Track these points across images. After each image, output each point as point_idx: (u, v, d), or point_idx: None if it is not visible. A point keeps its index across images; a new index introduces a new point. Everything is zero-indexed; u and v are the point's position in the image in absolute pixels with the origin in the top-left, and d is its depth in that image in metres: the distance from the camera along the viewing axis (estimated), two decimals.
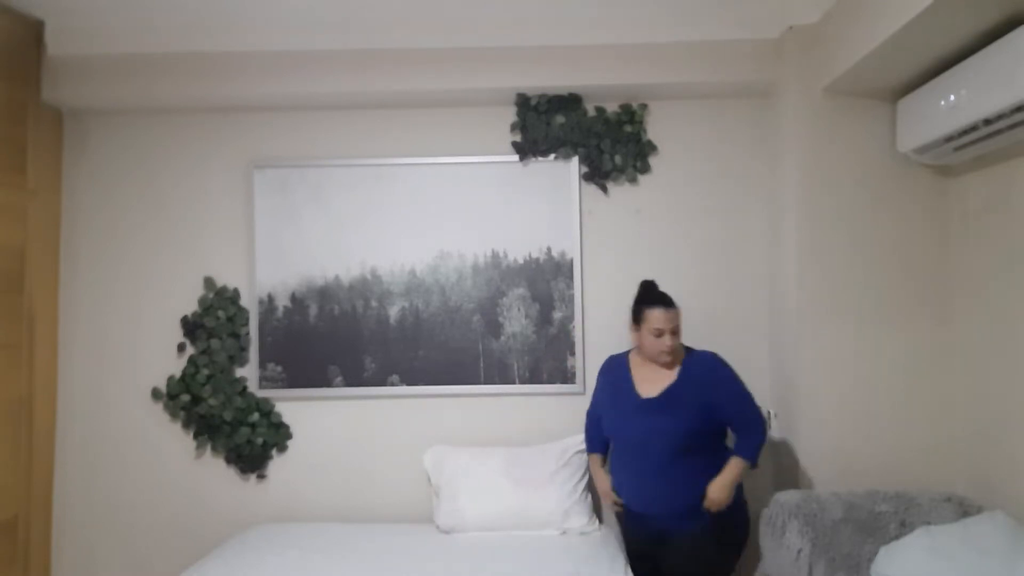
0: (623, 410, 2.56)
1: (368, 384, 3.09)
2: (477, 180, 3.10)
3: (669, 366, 2.54)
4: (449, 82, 2.94)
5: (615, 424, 2.60)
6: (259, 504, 3.08)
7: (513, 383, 3.07)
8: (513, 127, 3.08)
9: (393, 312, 3.09)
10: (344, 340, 3.09)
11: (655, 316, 2.51)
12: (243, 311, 3.10)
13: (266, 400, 3.08)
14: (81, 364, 3.11)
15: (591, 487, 2.89)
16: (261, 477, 3.09)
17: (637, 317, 2.57)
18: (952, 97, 2.26)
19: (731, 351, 3.04)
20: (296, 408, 3.09)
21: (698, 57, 2.89)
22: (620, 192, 3.11)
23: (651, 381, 2.55)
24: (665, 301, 2.54)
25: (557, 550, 2.59)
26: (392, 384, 3.09)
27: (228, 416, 3.03)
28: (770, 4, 2.74)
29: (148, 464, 3.08)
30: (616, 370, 2.66)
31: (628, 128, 3.06)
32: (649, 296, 2.59)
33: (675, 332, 2.53)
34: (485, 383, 3.08)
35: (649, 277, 3.06)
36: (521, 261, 3.09)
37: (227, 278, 3.13)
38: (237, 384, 3.08)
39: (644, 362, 2.60)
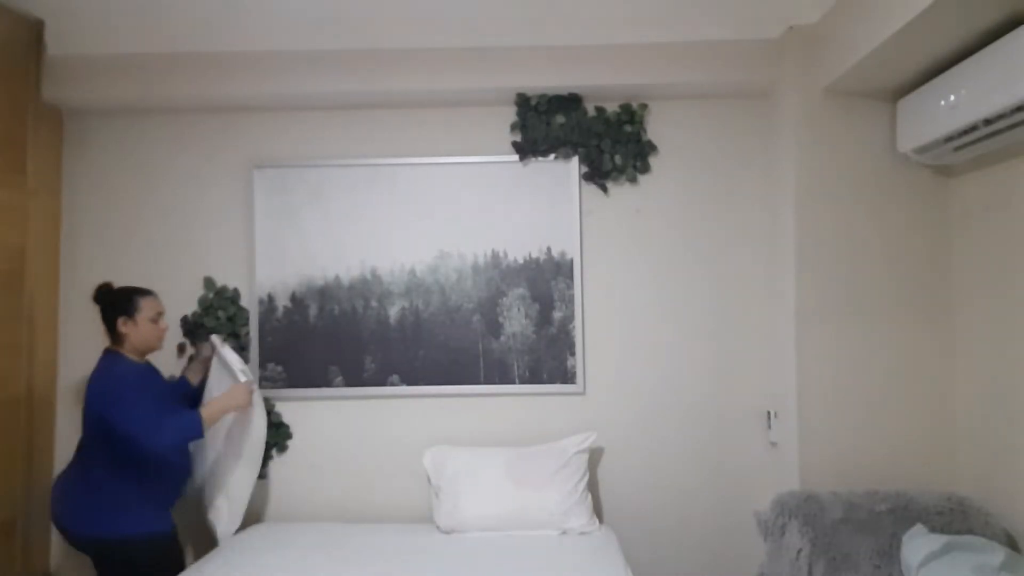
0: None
1: (368, 384, 3.09)
2: (477, 180, 3.10)
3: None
4: (449, 82, 2.94)
5: None
6: (259, 504, 3.07)
7: (513, 383, 3.07)
8: (513, 127, 3.08)
9: (393, 312, 3.09)
10: (344, 340, 3.09)
11: (153, 302, 2.66)
12: (243, 311, 3.10)
13: (266, 400, 3.07)
14: (81, 364, 3.10)
15: (589, 487, 2.90)
16: (261, 477, 3.08)
17: (132, 307, 2.58)
18: (952, 97, 2.26)
19: (731, 350, 3.06)
20: (296, 408, 3.09)
21: (698, 57, 2.89)
22: (620, 192, 3.11)
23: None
24: (149, 289, 2.69)
25: (557, 550, 2.59)
26: (392, 384, 3.09)
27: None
28: (770, 4, 2.74)
29: None
30: (135, 367, 2.62)
31: (628, 128, 3.06)
32: (133, 288, 2.64)
33: None
34: (485, 383, 3.08)
35: (649, 277, 3.09)
36: (521, 261, 3.09)
37: (227, 278, 3.13)
38: None
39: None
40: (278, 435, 3.08)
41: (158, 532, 2.57)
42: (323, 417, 3.10)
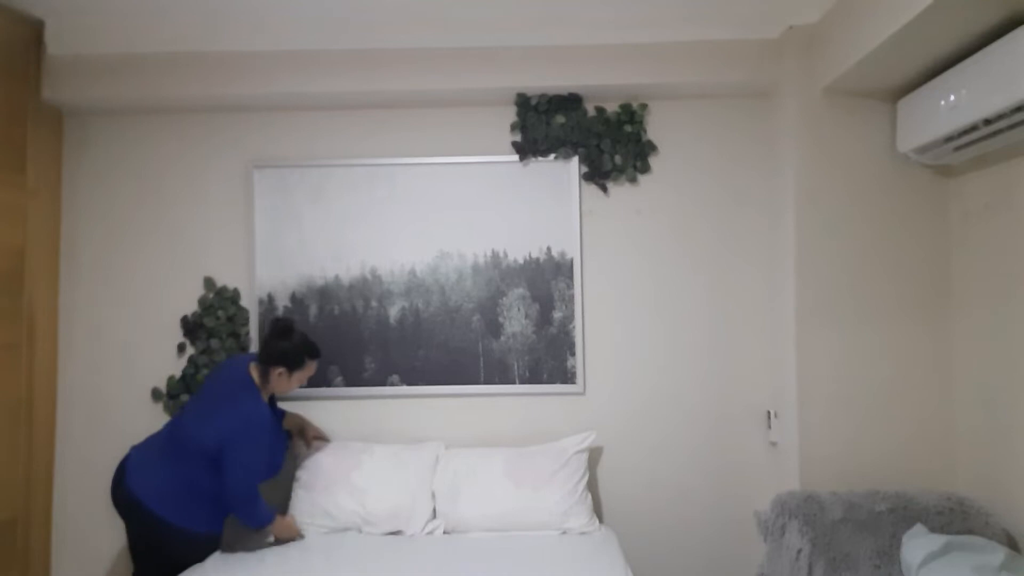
0: (280, 444, 2.80)
1: (368, 384, 3.09)
2: (477, 180, 3.10)
3: None
4: (449, 82, 2.94)
5: (279, 459, 2.76)
6: None
7: (513, 383, 3.07)
8: (513, 127, 3.08)
9: (393, 312, 3.09)
10: (344, 340, 3.09)
11: (313, 367, 2.74)
12: (243, 311, 3.10)
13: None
14: (81, 364, 3.11)
15: (589, 487, 2.90)
16: None
17: (297, 364, 2.66)
18: (952, 97, 2.26)
19: (731, 350, 3.06)
20: (296, 408, 3.08)
21: (698, 57, 2.89)
22: (620, 192, 3.11)
23: None
24: (319, 351, 2.76)
25: (557, 550, 2.59)
26: (392, 384, 3.09)
27: None
28: (770, 4, 2.75)
29: None
30: (268, 413, 2.64)
31: (628, 128, 3.06)
32: (310, 346, 2.71)
33: None
34: (485, 383, 3.08)
35: (649, 276, 3.08)
36: (521, 261, 3.09)
37: (227, 278, 3.13)
38: None
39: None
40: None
41: (211, 533, 2.61)
42: (323, 417, 3.09)
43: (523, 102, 3.05)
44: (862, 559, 2.24)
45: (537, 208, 3.08)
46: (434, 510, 2.82)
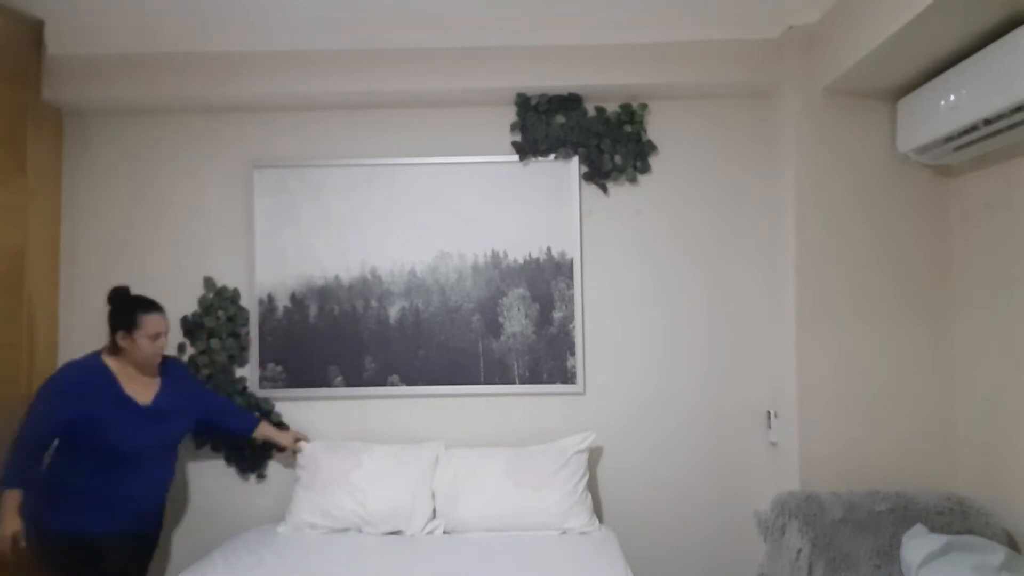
0: (121, 419, 2.50)
1: (368, 384, 3.09)
2: (477, 180, 3.10)
3: (154, 372, 2.65)
4: (449, 82, 2.94)
5: (113, 435, 2.47)
6: (259, 504, 3.07)
7: (513, 383, 3.07)
8: (513, 127, 3.08)
9: (393, 312, 3.09)
10: (344, 340, 3.09)
11: (155, 321, 2.58)
12: (243, 311, 3.10)
13: (266, 400, 3.08)
14: None
15: (589, 487, 2.90)
16: (261, 477, 3.09)
17: (132, 323, 2.53)
18: (952, 97, 2.26)
19: (731, 350, 3.06)
20: (296, 408, 3.09)
21: (698, 57, 2.89)
22: (620, 192, 3.11)
23: (141, 387, 2.59)
24: (159, 305, 2.64)
25: (557, 550, 2.58)
26: (392, 384, 3.09)
27: None
28: (770, 4, 2.74)
29: None
30: (93, 378, 2.51)
31: (628, 128, 3.06)
32: (141, 302, 2.61)
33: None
34: (485, 383, 3.08)
35: (649, 276, 3.09)
36: (521, 261, 3.09)
37: (227, 278, 3.13)
38: (237, 384, 3.08)
39: (124, 368, 2.57)
40: None
41: (79, 532, 2.46)
42: (323, 417, 3.10)
43: (523, 102, 3.05)
44: (862, 559, 2.24)
45: (537, 208, 3.08)
46: (434, 510, 2.82)
